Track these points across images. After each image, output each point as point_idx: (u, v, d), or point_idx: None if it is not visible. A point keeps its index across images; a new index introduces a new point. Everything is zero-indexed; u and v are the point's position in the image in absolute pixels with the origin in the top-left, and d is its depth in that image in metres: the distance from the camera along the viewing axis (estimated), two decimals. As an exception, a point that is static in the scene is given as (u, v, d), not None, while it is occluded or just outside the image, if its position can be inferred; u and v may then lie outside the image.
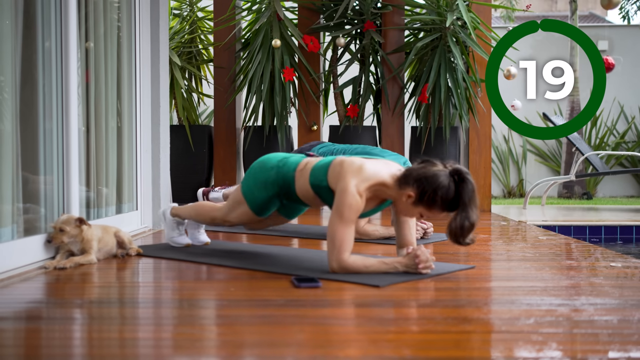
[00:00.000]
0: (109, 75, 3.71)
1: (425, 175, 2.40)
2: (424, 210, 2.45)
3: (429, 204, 2.41)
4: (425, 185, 2.39)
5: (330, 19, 5.79)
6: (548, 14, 17.44)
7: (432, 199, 2.39)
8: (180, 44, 6.02)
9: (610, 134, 10.61)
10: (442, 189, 2.37)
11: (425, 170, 2.41)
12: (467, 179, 2.38)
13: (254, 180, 2.84)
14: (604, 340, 1.67)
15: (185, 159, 5.88)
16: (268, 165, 2.82)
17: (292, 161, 2.79)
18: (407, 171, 2.48)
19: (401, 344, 1.66)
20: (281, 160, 2.81)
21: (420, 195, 2.41)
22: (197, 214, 3.13)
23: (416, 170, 2.44)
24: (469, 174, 2.41)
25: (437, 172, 2.40)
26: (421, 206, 2.43)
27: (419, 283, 2.39)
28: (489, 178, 5.90)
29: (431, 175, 2.39)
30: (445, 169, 2.42)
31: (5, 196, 2.60)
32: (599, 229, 5.39)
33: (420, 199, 2.41)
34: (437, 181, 2.38)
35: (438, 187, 2.37)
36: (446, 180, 2.38)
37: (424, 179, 2.40)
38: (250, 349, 1.66)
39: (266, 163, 2.84)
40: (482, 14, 5.80)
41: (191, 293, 2.36)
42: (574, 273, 2.70)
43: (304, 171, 2.71)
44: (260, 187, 2.81)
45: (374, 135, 5.87)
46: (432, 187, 2.38)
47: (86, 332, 1.87)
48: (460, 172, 2.39)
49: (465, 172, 2.40)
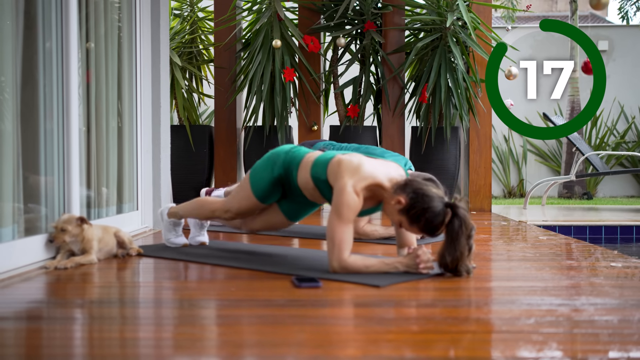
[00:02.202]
0: (110, 75, 3.71)
1: (423, 192, 2.41)
2: (405, 222, 2.47)
3: (412, 219, 2.43)
4: (418, 201, 2.41)
5: (331, 19, 5.79)
6: (548, 14, 17.44)
7: (417, 216, 2.41)
8: (181, 44, 6.02)
9: (610, 134, 10.61)
10: (431, 213, 2.39)
11: (426, 189, 2.43)
12: (459, 216, 2.38)
13: (263, 163, 2.86)
14: (604, 340, 1.67)
15: (185, 159, 5.88)
16: (280, 151, 2.85)
17: (303, 150, 2.82)
18: (409, 180, 2.49)
19: (401, 344, 1.66)
20: (294, 147, 2.86)
21: (408, 208, 2.42)
22: (196, 208, 3.11)
23: (417, 184, 2.45)
24: (465, 212, 2.40)
25: (435, 195, 2.42)
26: (405, 217, 2.45)
27: (419, 283, 2.39)
28: (489, 178, 5.90)
29: (428, 195, 2.41)
30: (443, 197, 2.43)
31: (5, 196, 2.60)
32: (599, 229, 5.39)
33: (408, 211, 2.43)
34: (430, 203, 2.39)
35: (428, 209, 2.39)
36: (439, 207, 2.39)
37: (420, 195, 2.41)
38: (250, 348, 1.66)
39: (279, 149, 2.88)
40: (483, 14, 5.80)
41: (192, 293, 2.37)
42: (574, 273, 2.70)
43: (307, 162, 2.73)
44: (267, 168, 2.82)
45: (374, 135, 5.87)
46: (423, 205, 2.39)
47: (87, 332, 1.87)
48: (456, 207, 2.40)
49: (461, 209, 2.39)
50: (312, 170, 2.68)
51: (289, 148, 2.85)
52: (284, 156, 2.81)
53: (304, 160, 2.75)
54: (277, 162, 2.81)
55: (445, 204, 2.41)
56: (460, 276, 2.47)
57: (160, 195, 4.24)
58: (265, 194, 2.85)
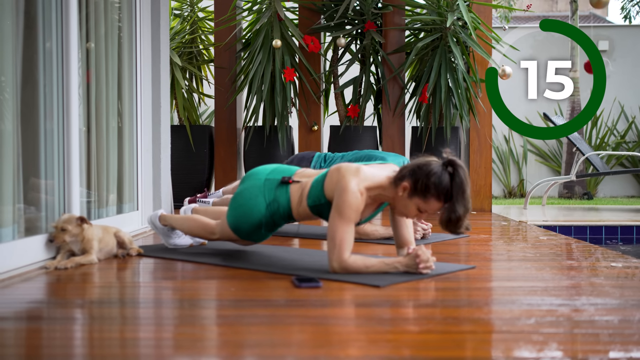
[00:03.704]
0: (110, 75, 3.71)
1: (418, 164, 2.45)
2: (420, 202, 2.44)
3: (423, 192, 2.42)
4: (418, 173, 2.42)
5: (331, 19, 5.79)
6: (548, 14, 17.44)
7: (425, 186, 2.41)
8: (181, 44, 6.02)
9: (610, 134, 10.60)
10: (435, 175, 2.40)
11: (419, 161, 2.46)
12: (461, 167, 2.41)
13: (244, 202, 2.78)
14: (605, 340, 1.67)
15: (185, 159, 5.88)
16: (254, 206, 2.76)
17: (283, 198, 2.72)
18: (402, 167, 2.51)
19: (401, 344, 1.66)
20: (268, 177, 2.77)
21: (414, 185, 2.42)
22: (188, 228, 3.10)
23: (409, 164, 2.49)
24: (462, 163, 2.45)
25: (429, 161, 2.45)
26: (416, 197, 2.44)
27: (419, 283, 2.39)
28: (489, 178, 5.90)
29: (423, 164, 2.44)
30: (438, 160, 2.46)
31: (5, 196, 2.60)
32: (600, 229, 5.38)
33: (415, 187, 2.43)
34: (429, 168, 2.41)
35: (430, 173, 2.40)
36: (438, 168, 2.42)
37: (416, 168, 2.44)
38: (250, 349, 1.66)
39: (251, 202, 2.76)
40: (483, 14, 5.80)
41: (192, 293, 2.37)
42: (574, 273, 2.70)
43: (301, 200, 2.67)
44: (250, 211, 2.76)
45: (374, 135, 5.87)
46: (424, 173, 2.41)
47: (87, 332, 1.87)
48: (453, 162, 2.42)
49: (459, 161, 2.43)
50: (309, 201, 2.65)
51: (262, 181, 2.76)
52: (265, 216, 2.73)
53: (293, 203, 2.69)
54: (256, 222, 2.75)
55: (443, 163, 2.43)
56: (461, 234, 2.47)
57: (160, 195, 4.24)
58: (250, 236, 2.85)
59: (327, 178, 2.59)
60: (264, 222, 2.77)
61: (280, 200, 2.73)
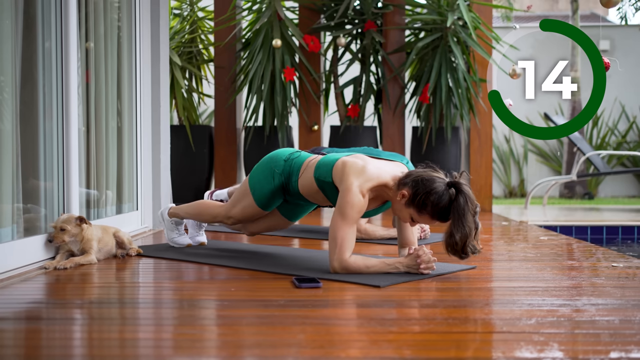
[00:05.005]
0: (109, 75, 3.70)
1: (422, 177, 2.41)
2: (414, 213, 2.44)
3: (419, 207, 2.41)
4: (419, 187, 2.39)
5: (331, 18, 5.79)
6: (549, 14, 17.43)
7: (423, 202, 2.39)
8: (181, 44, 6.01)
9: (611, 134, 10.59)
10: (435, 195, 2.37)
11: (425, 174, 2.42)
12: (464, 193, 2.36)
13: (262, 171, 2.83)
14: (606, 340, 1.66)
15: (185, 159, 5.87)
16: (279, 157, 2.82)
17: (303, 155, 2.80)
18: (408, 172, 2.49)
19: (402, 345, 1.66)
20: (293, 154, 2.83)
21: (412, 197, 2.41)
22: (198, 212, 3.12)
23: (416, 173, 2.45)
24: (468, 188, 2.38)
25: (435, 177, 2.41)
26: (412, 208, 2.43)
27: (420, 283, 2.39)
28: (490, 178, 5.89)
29: (428, 179, 2.40)
30: (444, 178, 2.42)
31: (5, 196, 2.60)
32: (601, 229, 5.38)
33: (412, 200, 2.41)
34: (431, 185, 2.38)
35: (431, 192, 2.37)
36: (441, 188, 2.37)
37: (420, 181, 2.40)
38: (250, 349, 1.66)
39: (277, 154, 2.85)
40: (483, 13, 5.79)
41: (191, 293, 2.36)
42: (575, 273, 2.69)
43: (309, 166, 2.71)
44: (268, 177, 2.80)
45: (374, 135, 5.87)
46: (425, 189, 2.38)
47: (86, 332, 1.87)
48: (458, 184, 2.38)
49: (464, 186, 2.37)
50: (316, 173, 2.66)
51: (288, 154, 2.82)
52: (284, 163, 2.79)
53: (306, 164, 2.73)
54: (276, 169, 2.79)
55: (447, 183, 2.40)
56: (467, 257, 2.39)
57: (160, 195, 4.23)
58: (268, 202, 2.85)
59: (334, 166, 2.58)
60: (283, 181, 2.77)
61: (301, 155, 2.79)
